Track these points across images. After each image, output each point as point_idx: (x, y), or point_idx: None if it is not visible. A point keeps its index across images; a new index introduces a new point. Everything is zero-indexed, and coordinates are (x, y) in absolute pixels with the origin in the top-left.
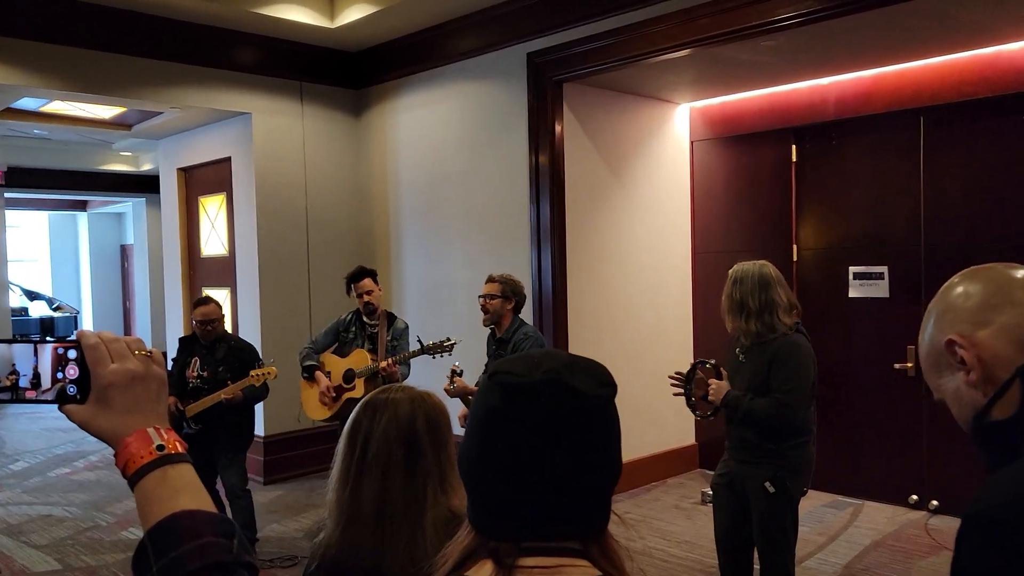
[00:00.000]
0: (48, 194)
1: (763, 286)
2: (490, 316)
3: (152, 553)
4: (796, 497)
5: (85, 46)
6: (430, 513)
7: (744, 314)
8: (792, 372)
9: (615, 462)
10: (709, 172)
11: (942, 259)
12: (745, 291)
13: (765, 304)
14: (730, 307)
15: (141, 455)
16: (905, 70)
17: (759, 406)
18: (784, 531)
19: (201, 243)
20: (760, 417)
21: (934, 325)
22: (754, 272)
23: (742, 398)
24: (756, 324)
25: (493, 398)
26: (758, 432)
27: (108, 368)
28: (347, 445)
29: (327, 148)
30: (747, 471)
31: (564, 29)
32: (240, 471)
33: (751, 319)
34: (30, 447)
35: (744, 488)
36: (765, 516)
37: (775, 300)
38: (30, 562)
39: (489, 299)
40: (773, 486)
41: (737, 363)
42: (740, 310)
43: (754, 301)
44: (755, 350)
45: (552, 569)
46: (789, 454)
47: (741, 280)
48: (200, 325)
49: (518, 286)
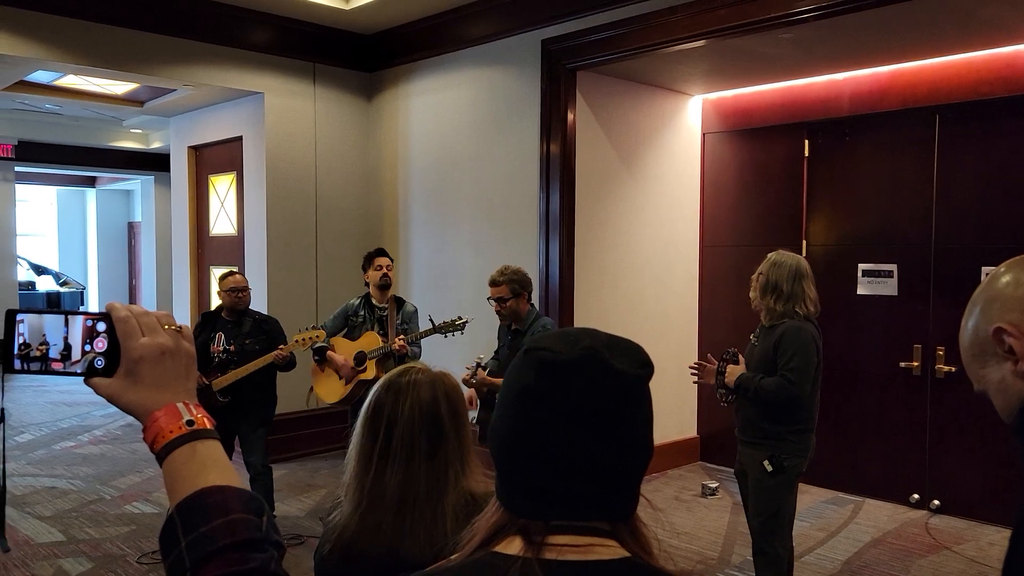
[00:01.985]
0: (57, 169)
1: (799, 276)
2: (508, 317)
3: (181, 528)
4: (793, 478)
5: (101, 20)
6: (451, 496)
7: (775, 295)
8: (795, 352)
9: (648, 444)
10: (720, 165)
11: (952, 259)
12: (781, 274)
13: (793, 292)
14: (764, 285)
15: (170, 429)
16: (922, 67)
17: (767, 383)
18: (779, 509)
19: (210, 222)
20: (767, 393)
21: (980, 313)
22: (792, 262)
23: (752, 378)
24: (780, 306)
25: (528, 375)
26: (762, 412)
27: (139, 342)
28: (369, 429)
29: (338, 130)
30: (749, 451)
31: (580, 16)
32: (262, 448)
33: (780, 301)
34: (36, 420)
35: (747, 469)
36: (761, 493)
37: (805, 291)
38: (34, 533)
39: (502, 303)
40: (771, 464)
41: (751, 346)
42: (773, 290)
43: (787, 286)
44: (766, 333)
45: (582, 548)
46: (789, 437)
47: (779, 264)
48: (232, 294)
49: (522, 276)
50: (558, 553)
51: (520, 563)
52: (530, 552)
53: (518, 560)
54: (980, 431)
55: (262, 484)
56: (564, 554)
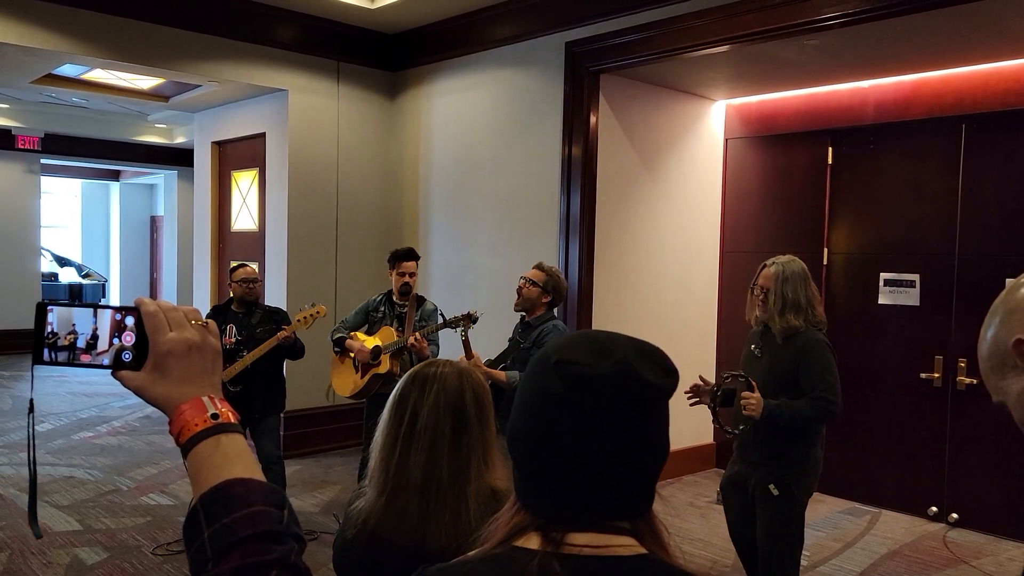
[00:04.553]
0: (82, 162)
1: (804, 280)
2: (522, 301)
3: (204, 519)
4: (801, 500)
5: (129, 16)
6: (474, 486)
7: (795, 310)
8: (824, 368)
9: (666, 444)
10: (742, 171)
11: (976, 270)
12: (795, 288)
13: (808, 301)
14: (780, 304)
15: (196, 423)
16: (948, 76)
17: (802, 410)
18: (788, 535)
19: (232, 217)
20: (806, 421)
21: (1000, 324)
22: (797, 269)
23: (780, 407)
24: (800, 319)
25: (556, 385)
26: (773, 433)
27: (167, 336)
28: (394, 415)
29: (361, 129)
30: (753, 472)
31: (604, 19)
32: (274, 437)
33: (799, 315)
34: (55, 409)
35: (750, 488)
36: (769, 518)
37: (813, 295)
38: (52, 521)
39: (529, 284)
40: (777, 488)
41: (753, 358)
42: (793, 307)
43: (803, 297)
44: (775, 345)
45: (602, 547)
46: (795, 456)
47: (787, 278)
48: (243, 284)
49: (561, 284)
50: (577, 550)
51: (539, 557)
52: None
53: (537, 555)
54: (1001, 444)
55: (275, 474)
56: (582, 551)
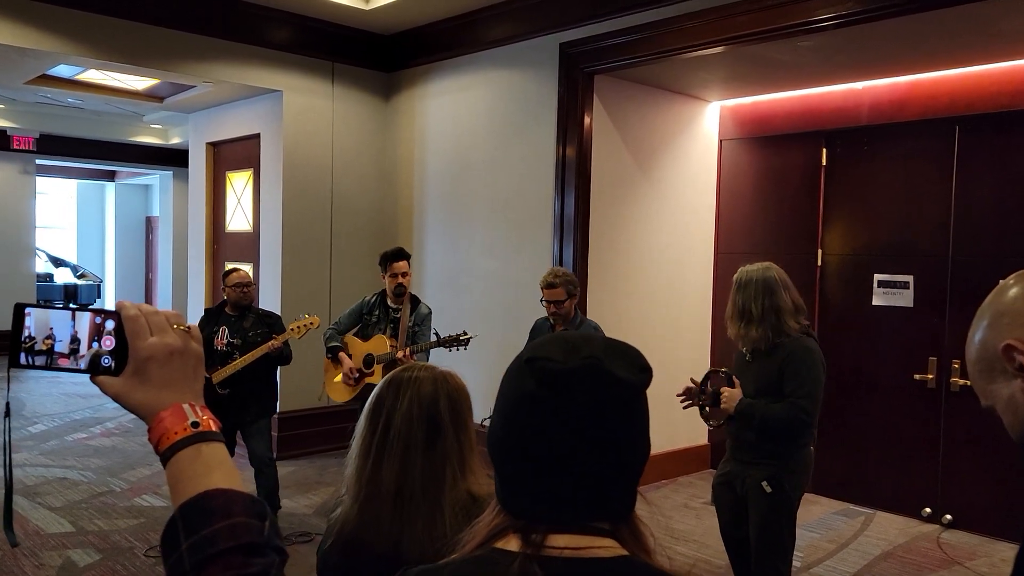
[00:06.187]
0: (78, 163)
1: (767, 291)
2: (563, 318)
3: (182, 529)
4: (794, 498)
5: (124, 16)
6: (449, 494)
7: (745, 320)
8: (807, 377)
9: (646, 444)
10: (737, 172)
11: (969, 271)
12: (748, 297)
13: (768, 309)
14: (732, 313)
15: (176, 431)
16: (942, 78)
17: (774, 412)
18: (780, 533)
19: (226, 218)
20: (776, 423)
21: (988, 328)
22: (758, 277)
23: (755, 405)
24: (758, 330)
25: (529, 383)
26: (759, 433)
27: (147, 341)
28: (369, 421)
29: (355, 130)
30: (746, 471)
31: (599, 21)
32: (266, 439)
33: (752, 325)
34: (49, 410)
35: (743, 487)
36: (762, 516)
37: (779, 305)
38: (44, 523)
39: (559, 304)
40: (770, 486)
41: (744, 363)
42: (742, 316)
43: (757, 307)
44: (764, 352)
45: (582, 549)
46: (788, 455)
47: (744, 285)
48: (237, 288)
49: (573, 277)
50: (556, 552)
51: (519, 560)
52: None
53: (517, 557)
54: (995, 446)
55: (267, 477)
56: (562, 552)
